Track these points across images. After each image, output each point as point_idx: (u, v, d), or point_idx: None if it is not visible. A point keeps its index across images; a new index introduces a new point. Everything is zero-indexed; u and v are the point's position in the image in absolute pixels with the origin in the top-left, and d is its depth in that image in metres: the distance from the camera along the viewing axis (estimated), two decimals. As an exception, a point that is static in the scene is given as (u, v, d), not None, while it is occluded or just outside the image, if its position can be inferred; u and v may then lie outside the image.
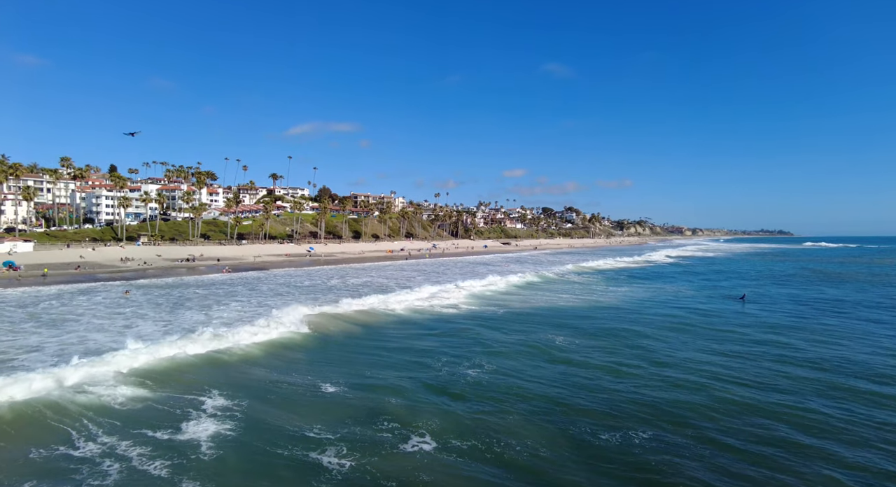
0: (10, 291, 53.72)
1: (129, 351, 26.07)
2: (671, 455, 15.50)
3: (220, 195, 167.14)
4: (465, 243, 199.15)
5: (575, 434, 17.16)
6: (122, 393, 20.72)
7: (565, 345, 30.05)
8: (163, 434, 16.64)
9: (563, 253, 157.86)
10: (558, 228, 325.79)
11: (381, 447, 15.93)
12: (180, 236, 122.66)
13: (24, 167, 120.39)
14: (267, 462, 15.02)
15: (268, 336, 31.82)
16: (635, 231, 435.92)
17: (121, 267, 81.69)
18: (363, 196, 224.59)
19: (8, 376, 22.67)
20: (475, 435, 16.85)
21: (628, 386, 22.24)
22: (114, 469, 14.33)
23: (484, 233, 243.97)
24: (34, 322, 35.90)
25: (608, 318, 39.85)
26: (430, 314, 41.70)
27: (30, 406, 19.18)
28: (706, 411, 19.23)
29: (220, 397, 20.33)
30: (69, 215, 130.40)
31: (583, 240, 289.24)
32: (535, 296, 53.22)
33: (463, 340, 31.60)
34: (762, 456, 15.42)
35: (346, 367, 25.06)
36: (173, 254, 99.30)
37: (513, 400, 20.42)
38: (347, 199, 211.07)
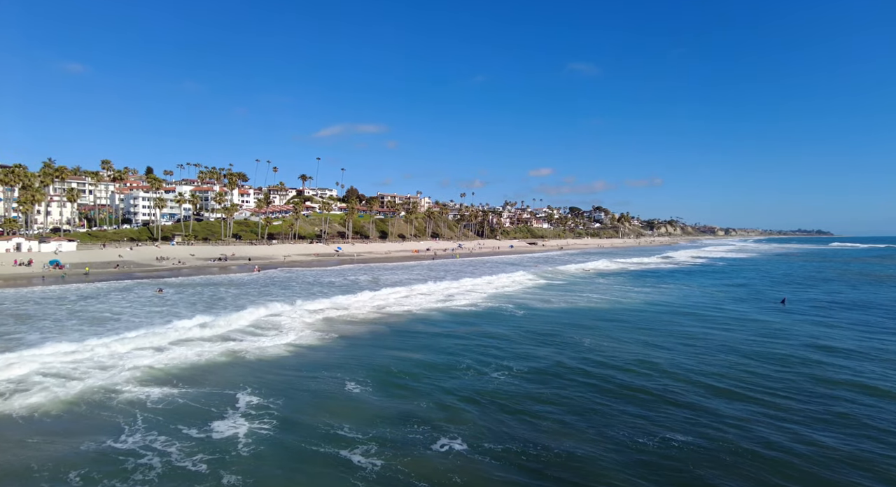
0: (53, 287, 56.08)
1: (162, 348, 26.82)
2: (711, 464, 14.99)
3: (251, 196, 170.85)
4: (491, 243, 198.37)
5: (612, 437, 16.77)
6: (157, 390, 21.31)
7: (594, 347, 29.52)
8: (198, 431, 17.03)
9: (591, 254, 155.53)
10: (586, 228, 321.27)
11: (412, 447, 15.91)
12: (213, 236, 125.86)
13: (68, 170, 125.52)
14: (301, 459, 15.15)
15: (294, 334, 32.43)
16: (666, 231, 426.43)
17: (156, 266, 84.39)
18: (389, 196, 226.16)
19: (55, 374, 23.63)
20: (508, 438, 16.65)
21: (664, 391, 21.64)
22: (156, 462, 14.74)
23: (510, 232, 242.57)
24: (76, 319, 37.33)
25: (638, 320, 38.99)
26: (457, 313, 41.68)
27: (75, 400, 19.97)
28: (745, 418, 18.57)
29: (251, 395, 20.66)
30: (109, 216, 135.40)
31: (611, 240, 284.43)
32: (564, 297, 52.52)
33: (489, 340, 31.44)
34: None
35: (372, 367, 25.12)
36: (206, 254, 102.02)
37: (544, 402, 20.14)
38: (374, 200, 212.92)
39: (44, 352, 26.19)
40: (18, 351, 26.61)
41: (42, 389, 20.99)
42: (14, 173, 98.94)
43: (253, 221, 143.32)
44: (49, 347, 26.96)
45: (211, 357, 26.81)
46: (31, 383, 21.87)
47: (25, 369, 23.77)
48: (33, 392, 20.68)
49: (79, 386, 21.50)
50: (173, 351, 27.74)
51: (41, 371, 23.67)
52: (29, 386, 21.38)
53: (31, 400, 19.81)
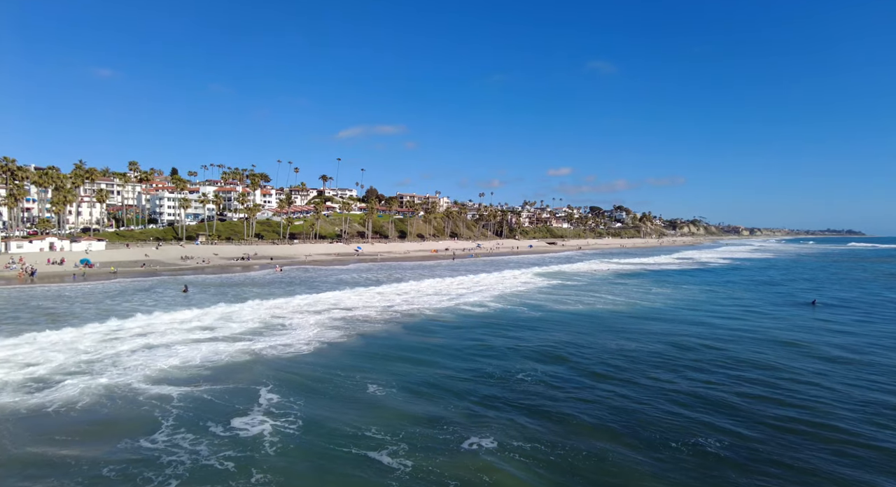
0: (80, 285, 57.52)
1: (192, 345, 27.15)
2: (744, 471, 14.47)
3: (273, 196, 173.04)
4: (510, 243, 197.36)
5: (646, 440, 16.35)
6: (184, 387, 21.55)
7: (619, 349, 28.98)
8: (223, 428, 17.14)
9: (611, 254, 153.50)
10: (607, 228, 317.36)
11: (441, 447, 15.73)
12: (236, 236, 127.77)
13: (97, 171, 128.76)
14: (330, 459, 15.10)
15: (312, 332, 32.59)
16: (688, 230, 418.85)
17: (181, 266, 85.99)
18: (408, 196, 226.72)
19: (87, 372, 24.10)
20: (537, 438, 16.36)
21: (695, 393, 21.06)
22: (185, 457, 14.85)
23: (529, 232, 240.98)
24: (108, 316, 38.16)
25: (660, 321, 38.23)
26: (474, 313, 41.38)
27: (104, 394, 20.31)
28: (778, 421, 17.92)
29: (272, 393, 20.77)
30: (136, 216, 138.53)
31: (633, 239, 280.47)
32: (583, 298, 51.83)
33: (509, 341, 31.13)
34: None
35: (393, 367, 25.03)
36: (229, 253, 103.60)
37: (572, 403, 19.78)
38: (393, 200, 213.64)
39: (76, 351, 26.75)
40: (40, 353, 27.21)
41: (68, 385, 21.43)
42: (48, 175, 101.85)
43: (275, 221, 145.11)
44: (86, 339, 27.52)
45: (232, 355, 27.07)
46: (59, 376, 22.38)
47: (53, 365, 24.40)
48: (60, 386, 21.12)
49: (105, 380, 21.90)
50: (195, 347, 28.13)
51: (67, 366, 24.26)
52: (54, 381, 21.85)
53: (59, 395, 20.22)
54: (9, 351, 26.76)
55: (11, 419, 18.02)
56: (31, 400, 19.69)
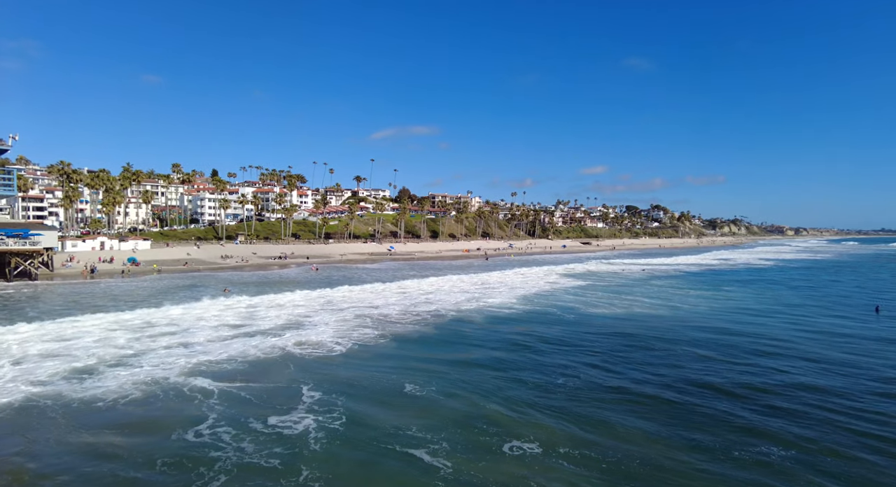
0: (124, 283, 60.20)
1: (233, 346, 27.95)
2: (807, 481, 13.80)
3: (308, 197, 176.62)
4: (543, 243, 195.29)
5: (702, 448, 15.73)
6: (225, 384, 22.19)
7: (664, 354, 28.15)
8: (264, 425, 17.51)
9: (647, 254, 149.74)
10: (644, 227, 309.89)
11: (484, 449, 15.60)
12: (273, 235, 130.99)
13: (143, 173, 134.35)
14: (376, 457, 15.19)
15: (350, 332, 33.02)
16: (729, 230, 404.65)
17: (221, 264, 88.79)
18: (440, 196, 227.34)
19: (132, 367, 25.14)
20: (585, 443, 16.01)
21: (755, 400, 20.22)
22: (231, 451, 15.27)
23: (563, 232, 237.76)
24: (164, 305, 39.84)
25: (702, 325, 36.97)
26: (509, 316, 40.86)
27: (150, 388, 21.16)
28: (837, 435, 17.02)
29: (314, 391, 21.08)
30: (178, 216, 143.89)
31: (671, 239, 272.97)
32: (620, 299, 50.71)
33: (545, 344, 30.62)
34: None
35: (429, 367, 25.01)
36: (267, 253, 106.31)
37: (620, 410, 19.26)
38: (425, 200, 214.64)
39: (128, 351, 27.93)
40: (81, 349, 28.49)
41: (112, 377, 22.42)
42: (99, 177, 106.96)
43: (311, 221, 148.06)
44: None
45: (272, 351, 27.72)
46: (104, 368, 23.44)
47: (91, 361, 25.65)
48: (105, 377, 22.11)
49: (150, 374, 22.81)
50: (230, 343, 29.00)
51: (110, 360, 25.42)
52: (102, 374, 22.90)
53: (105, 386, 21.16)
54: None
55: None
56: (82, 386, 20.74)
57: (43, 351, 27.22)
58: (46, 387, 21.30)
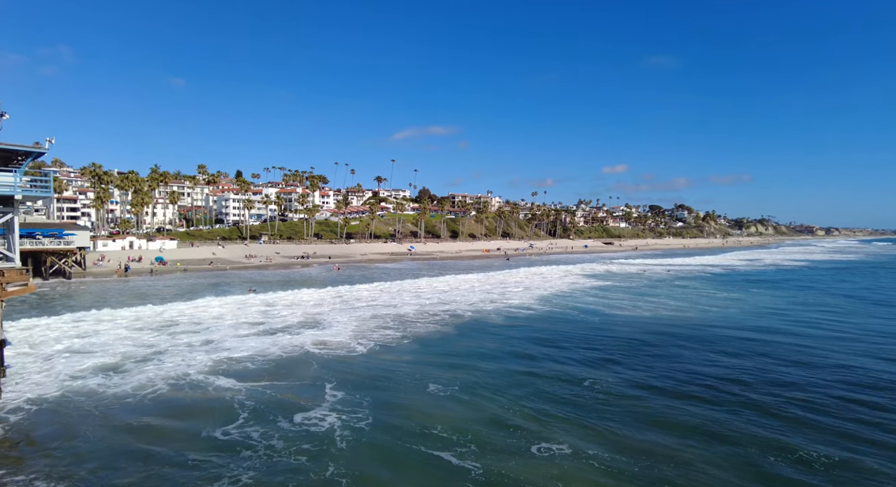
0: (152, 282, 61.72)
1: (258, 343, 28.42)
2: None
3: (330, 197, 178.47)
4: (564, 243, 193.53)
5: (740, 455, 15.30)
6: (250, 382, 22.55)
7: (696, 359, 27.56)
8: (292, 423, 17.71)
9: (671, 254, 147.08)
10: (667, 227, 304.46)
11: (512, 450, 15.45)
12: (296, 235, 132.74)
13: (170, 174, 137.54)
14: (402, 457, 15.21)
15: (371, 333, 33.17)
16: (756, 230, 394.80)
17: (245, 264, 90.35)
18: (460, 196, 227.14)
19: (159, 363, 25.73)
20: (616, 447, 15.73)
21: (790, 408, 19.67)
22: (260, 447, 15.49)
23: (584, 232, 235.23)
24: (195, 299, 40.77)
25: (731, 328, 36.07)
26: (528, 315, 40.55)
27: (177, 383, 21.63)
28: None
29: (337, 390, 21.24)
30: (204, 216, 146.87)
31: (696, 239, 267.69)
32: (644, 301, 49.88)
33: (569, 345, 30.22)
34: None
35: (450, 367, 24.92)
36: (290, 252, 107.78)
37: (653, 414, 18.86)
38: (445, 200, 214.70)
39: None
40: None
41: (140, 372, 23.00)
42: (128, 178, 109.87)
43: (332, 221, 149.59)
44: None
45: (295, 350, 28.08)
46: (132, 363, 24.07)
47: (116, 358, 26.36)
48: (134, 373, 22.69)
49: (176, 370, 23.33)
50: (262, 340, 29.47)
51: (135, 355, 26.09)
52: (131, 368, 23.52)
53: (134, 381, 21.72)
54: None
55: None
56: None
57: (75, 346, 28.11)
58: (78, 381, 22.00)
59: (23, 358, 25.61)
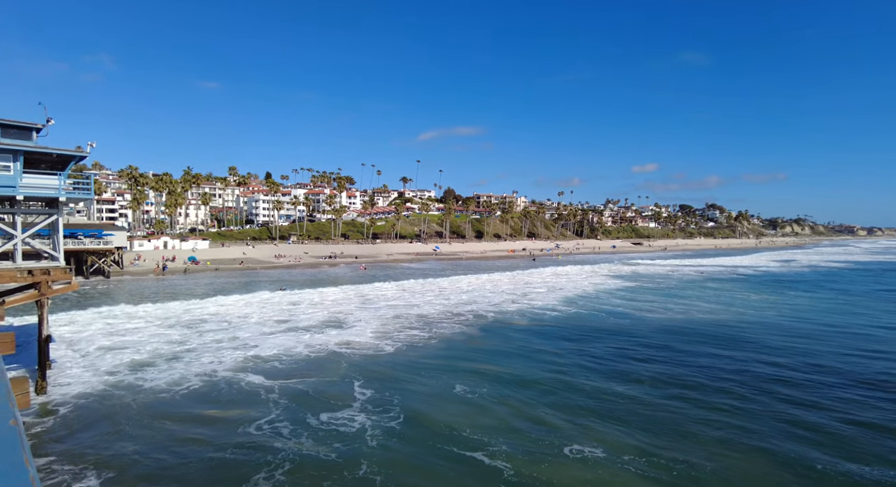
0: (185, 280, 63.42)
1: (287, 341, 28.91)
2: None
3: (357, 198, 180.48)
4: (591, 243, 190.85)
5: (781, 465, 14.77)
6: (280, 379, 22.93)
7: (733, 364, 26.73)
8: (322, 421, 17.93)
9: (701, 254, 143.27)
10: (698, 227, 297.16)
11: (544, 452, 15.27)
12: (324, 235, 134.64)
13: (202, 176, 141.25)
14: (433, 457, 15.21)
15: (395, 332, 33.36)
16: (791, 230, 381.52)
17: (275, 263, 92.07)
18: (485, 196, 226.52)
19: (193, 359, 26.39)
20: (652, 450, 15.38)
21: (828, 415, 18.93)
22: (292, 443, 15.72)
23: (612, 232, 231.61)
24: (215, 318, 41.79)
25: (772, 332, 34.93)
26: (555, 317, 40.00)
27: (210, 379, 22.17)
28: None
29: (365, 388, 21.40)
30: (235, 217, 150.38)
31: (728, 240, 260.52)
32: (675, 303, 48.74)
33: (601, 347, 29.69)
34: None
35: (476, 368, 24.78)
36: (317, 252, 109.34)
37: (691, 419, 18.39)
38: (470, 200, 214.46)
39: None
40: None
41: (174, 368, 23.66)
42: (162, 180, 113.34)
43: (359, 222, 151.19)
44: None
45: (323, 348, 28.45)
46: (166, 360, 24.78)
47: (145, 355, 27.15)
48: (168, 369, 23.36)
49: (210, 367, 23.91)
50: (290, 337, 29.98)
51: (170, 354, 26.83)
52: (161, 364, 24.22)
53: (169, 376, 22.35)
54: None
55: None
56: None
57: (111, 343, 29.18)
58: (116, 376, 22.84)
59: (64, 352, 26.72)
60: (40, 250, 24.28)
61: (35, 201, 24.13)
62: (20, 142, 21.75)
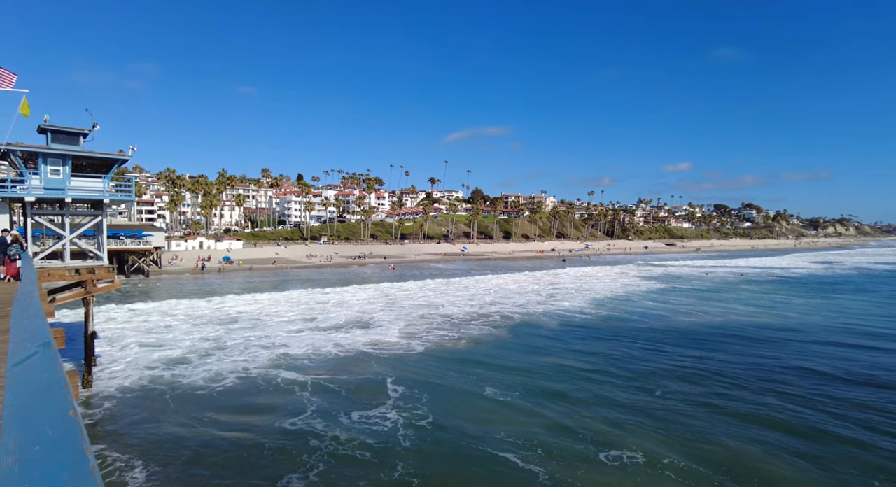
0: (220, 280, 65.07)
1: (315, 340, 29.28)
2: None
3: (386, 199, 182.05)
4: (622, 243, 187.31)
5: (832, 474, 14.13)
6: (311, 376, 23.21)
7: (778, 368, 25.68)
8: (354, 420, 18.03)
9: (736, 255, 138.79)
10: (734, 227, 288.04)
11: (580, 457, 14.96)
12: (353, 236, 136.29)
13: (236, 178, 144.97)
14: (467, 459, 15.09)
15: (423, 332, 33.39)
16: (834, 230, 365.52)
17: (306, 263, 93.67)
18: (513, 196, 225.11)
19: (224, 358, 26.98)
20: (696, 457, 14.86)
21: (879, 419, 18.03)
22: (327, 440, 15.87)
23: (644, 232, 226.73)
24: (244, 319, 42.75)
25: (820, 338, 33.41)
26: (583, 320, 39.13)
27: (245, 381, 22.62)
28: None
29: (396, 385, 21.48)
30: (268, 218, 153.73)
31: (765, 240, 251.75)
32: (713, 305, 47.27)
33: (634, 349, 28.99)
34: None
35: (505, 370, 24.50)
36: (347, 253, 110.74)
37: (730, 423, 17.75)
38: (498, 200, 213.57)
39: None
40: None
41: (210, 364, 24.21)
42: (199, 182, 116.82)
43: (388, 222, 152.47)
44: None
45: (354, 346, 28.75)
46: (201, 356, 25.39)
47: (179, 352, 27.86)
48: (205, 365, 23.93)
49: (245, 364, 24.41)
50: (319, 336, 30.35)
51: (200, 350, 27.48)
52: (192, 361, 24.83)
53: (205, 372, 22.89)
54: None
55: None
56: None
57: (149, 339, 30.17)
58: (155, 371, 23.60)
59: (105, 348, 27.75)
60: (86, 250, 25.27)
61: (81, 203, 25.12)
62: (69, 146, 22.71)
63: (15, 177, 21.76)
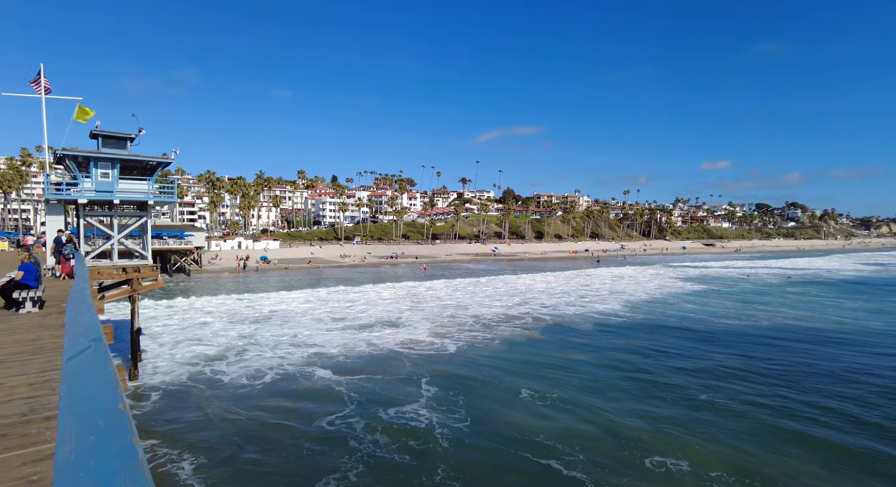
0: (257, 278, 66.70)
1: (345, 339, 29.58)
2: None
3: (417, 199, 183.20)
4: (659, 244, 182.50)
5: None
6: (346, 375, 23.41)
7: (837, 378, 24.39)
8: (392, 419, 18.08)
9: (781, 257, 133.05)
10: (777, 227, 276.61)
11: (624, 463, 14.51)
12: (385, 236, 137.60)
13: (273, 180, 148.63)
14: (507, 463, 14.87)
15: (456, 332, 33.20)
16: (889, 230, 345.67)
17: (340, 263, 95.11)
18: (546, 196, 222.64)
19: (262, 354, 27.53)
20: (746, 470, 14.21)
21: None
22: (365, 441, 15.91)
23: (682, 232, 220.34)
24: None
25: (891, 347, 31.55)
26: (620, 322, 38.12)
27: (283, 378, 23.06)
28: None
29: (430, 386, 21.42)
30: (303, 218, 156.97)
31: (811, 241, 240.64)
32: (758, 309, 45.39)
33: (678, 355, 28.00)
34: None
35: (541, 372, 24.09)
36: (380, 252, 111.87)
37: (783, 432, 16.95)
38: (530, 200, 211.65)
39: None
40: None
41: (251, 361, 24.78)
42: (237, 184, 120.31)
43: (419, 223, 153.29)
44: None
45: (386, 345, 28.94)
46: (238, 353, 26.01)
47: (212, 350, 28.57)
48: (243, 362, 24.49)
49: (282, 361, 24.87)
50: (351, 334, 30.68)
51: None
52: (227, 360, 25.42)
53: (245, 369, 23.42)
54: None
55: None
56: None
57: (190, 335, 31.17)
58: (196, 367, 24.30)
59: (148, 344, 28.83)
60: (132, 249, 26.31)
61: (128, 204, 26.16)
62: (117, 151, 23.69)
63: (69, 181, 22.85)
